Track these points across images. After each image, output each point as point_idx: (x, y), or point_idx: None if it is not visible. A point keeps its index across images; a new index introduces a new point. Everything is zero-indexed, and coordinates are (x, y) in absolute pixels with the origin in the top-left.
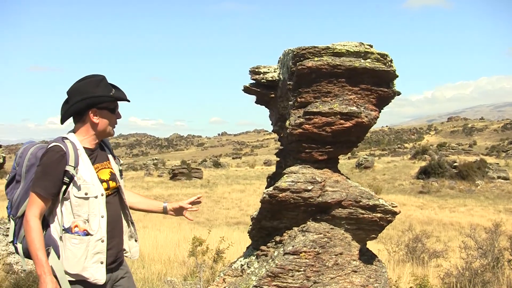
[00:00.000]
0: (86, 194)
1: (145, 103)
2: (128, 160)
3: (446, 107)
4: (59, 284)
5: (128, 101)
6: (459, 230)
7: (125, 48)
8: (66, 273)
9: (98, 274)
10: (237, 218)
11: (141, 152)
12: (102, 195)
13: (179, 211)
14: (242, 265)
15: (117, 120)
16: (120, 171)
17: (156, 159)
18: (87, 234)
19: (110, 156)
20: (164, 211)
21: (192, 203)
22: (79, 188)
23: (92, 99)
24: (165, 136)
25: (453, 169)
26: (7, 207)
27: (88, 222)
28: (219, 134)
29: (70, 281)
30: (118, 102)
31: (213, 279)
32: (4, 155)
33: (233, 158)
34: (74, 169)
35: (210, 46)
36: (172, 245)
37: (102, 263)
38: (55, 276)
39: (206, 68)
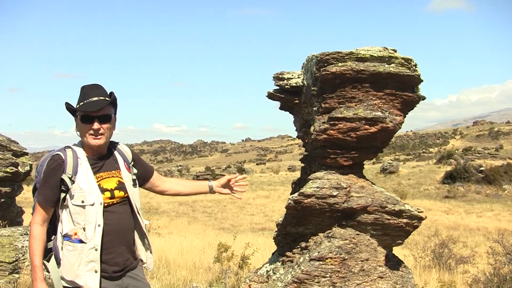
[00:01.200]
0: (82, 202)
1: (169, 109)
2: (152, 166)
3: (471, 111)
4: None
5: (92, 113)
6: (486, 235)
7: (146, 55)
8: (63, 279)
9: (91, 283)
10: (262, 224)
11: (166, 158)
12: (100, 204)
13: (226, 187)
14: (267, 271)
15: (102, 131)
16: (134, 180)
17: (180, 165)
18: (81, 241)
19: (122, 165)
20: (211, 191)
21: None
22: (75, 196)
23: (67, 108)
24: (189, 143)
25: (479, 174)
26: None
27: (84, 230)
28: (243, 140)
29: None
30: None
31: (238, 285)
32: (30, 162)
33: (257, 164)
34: (70, 178)
35: (233, 52)
36: (197, 251)
37: (96, 271)
38: (52, 282)
39: (230, 74)
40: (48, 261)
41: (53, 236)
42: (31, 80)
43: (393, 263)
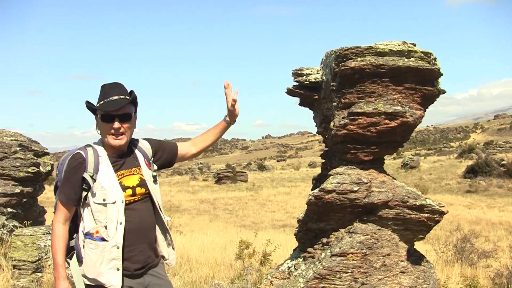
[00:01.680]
0: (104, 200)
1: (188, 108)
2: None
3: (492, 104)
4: None
5: (112, 112)
6: (509, 229)
7: (165, 54)
8: (85, 277)
9: (113, 280)
10: (283, 221)
11: None
12: (122, 202)
13: (229, 111)
14: (289, 268)
15: (122, 131)
16: (154, 176)
17: (201, 163)
18: (102, 239)
19: (142, 162)
20: (228, 124)
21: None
22: (97, 195)
23: (87, 107)
24: None
25: (501, 168)
26: None
27: (106, 228)
28: (263, 137)
29: (88, 286)
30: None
31: (260, 281)
32: (51, 162)
33: (277, 161)
34: (92, 176)
35: (252, 49)
36: (219, 248)
37: (118, 269)
38: (73, 280)
39: (250, 71)
40: (70, 259)
41: (75, 234)
42: (50, 82)
43: (415, 258)
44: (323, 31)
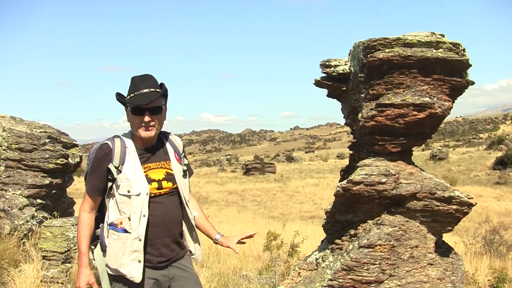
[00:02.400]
0: (128, 191)
1: (217, 99)
2: (201, 156)
3: None
4: (99, 277)
5: (143, 105)
6: None
7: (195, 45)
8: (108, 267)
9: (134, 272)
10: (311, 212)
11: (214, 148)
12: (146, 194)
13: (228, 244)
14: (317, 259)
15: (153, 123)
16: (185, 171)
17: (229, 154)
18: (125, 231)
19: (172, 156)
20: (214, 241)
21: (246, 238)
22: (122, 186)
23: (117, 99)
24: (238, 132)
25: None
26: None
27: (130, 220)
28: (291, 129)
29: (112, 276)
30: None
31: (288, 273)
32: (80, 154)
33: (306, 152)
34: (117, 167)
35: (281, 41)
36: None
37: (139, 261)
38: (97, 268)
39: (278, 63)
40: (94, 247)
41: (101, 223)
42: (80, 74)
43: (443, 250)
44: (352, 21)
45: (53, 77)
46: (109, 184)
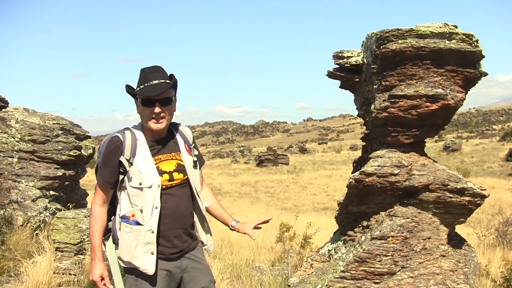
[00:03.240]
0: (140, 184)
1: (230, 91)
2: (214, 147)
3: None
4: (111, 270)
5: (153, 97)
6: None
7: (208, 36)
8: (120, 259)
9: (147, 264)
10: (324, 204)
11: (227, 139)
12: (158, 186)
13: (244, 230)
14: (329, 251)
15: (163, 114)
16: (195, 162)
17: (242, 146)
18: (137, 223)
19: (182, 147)
20: (231, 227)
21: (262, 223)
22: (133, 178)
23: (127, 91)
24: (251, 123)
25: None
26: None
27: (142, 212)
28: (304, 120)
29: (125, 268)
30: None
31: (300, 264)
32: (93, 145)
33: (319, 144)
34: (128, 160)
35: (294, 32)
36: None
37: (152, 253)
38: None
39: (291, 54)
40: (107, 240)
41: (113, 216)
42: (94, 66)
43: (456, 241)
44: (366, 12)
45: (68, 68)
46: (121, 177)
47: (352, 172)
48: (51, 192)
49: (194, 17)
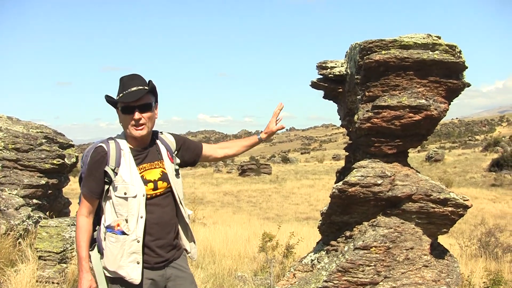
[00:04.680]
0: (125, 194)
1: (214, 100)
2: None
3: None
4: (96, 280)
5: (131, 103)
6: None
7: (192, 46)
8: (106, 269)
9: (133, 274)
10: (307, 213)
11: None
12: (143, 195)
13: (270, 130)
14: (312, 260)
15: (142, 122)
16: (177, 170)
17: None
18: (123, 233)
19: (165, 155)
20: (260, 141)
21: (277, 114)
22: (118, 188)
23: (107, 101)
24: (234, 133)
25: None
26: None
27: (127, 222)
28: (287, 130)
29: (109, 278)
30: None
31: (283, 274)
32: (76, 154)
33: (301, 153)
34: (113, 170)
35: (278, 42)
36: (242, 240)
37: (138, 263)
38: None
39: (275, 64)
40: (91, 250)
41: (98, 226)
42: (80, 73)
43: (439, 251)
44: (350, 23)
45: (52, 76)
46: (106, 187)
47: (335, 182)
48: (34, 201)
49: (179, 26)
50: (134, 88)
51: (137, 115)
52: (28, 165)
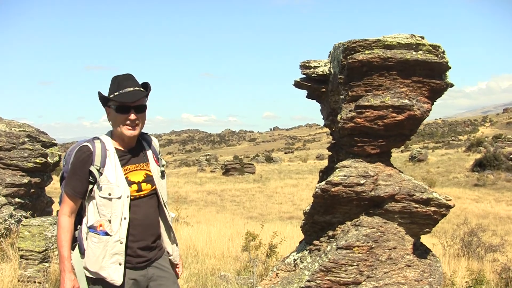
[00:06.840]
0: (109, 194)
1: (197, 99)
2: (181, 156)
3: (501, 98)
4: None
5: (129, 104)
6: None
7: (175, 45)
8: (87, 269)
9: (115, 275)
10: (290, 213)
11: (194, 148)
12: (127, 197)
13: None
14: (295, 260)
15: (136, 121)
16: (162, 172)
17: (208, 154)
18: (106, 234)
19: (151, 157)
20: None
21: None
22: (103, 188)
23: (99, 97)
24: (218, 132)
25: (510, 161)
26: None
27: (110, 222)
28: (271, 129)
29: (90, 279)
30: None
31: (266, 273)
32: (59, 153)
33: (285, 153)
34: (98, 170)
35: (262, 41)
36: (226, 240)
37: (120, 264)
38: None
39: (259, 63)
40: (72, 250)
41: (79, 226)
42: (62, 72)
43: (421, 251)
44: (333, 23)
45: (35, 75)
46: (90, 186)
47: (318, 182)
48: (17, 200)
49: (163, 25)
50: (131, 89)
51: (133, 115)
52: (11, 164)
